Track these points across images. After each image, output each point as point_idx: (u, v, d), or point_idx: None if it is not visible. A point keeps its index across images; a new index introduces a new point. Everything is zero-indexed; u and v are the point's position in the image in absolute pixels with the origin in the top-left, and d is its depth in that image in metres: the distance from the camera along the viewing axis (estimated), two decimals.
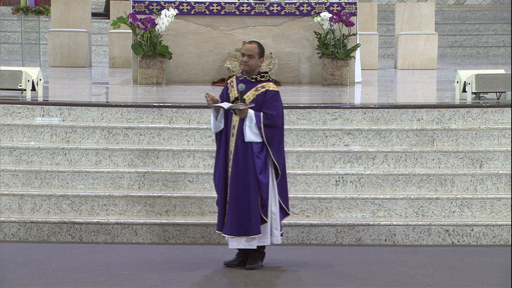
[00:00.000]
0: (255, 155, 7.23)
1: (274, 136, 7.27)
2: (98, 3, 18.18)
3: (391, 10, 17.25)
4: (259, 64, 7.36)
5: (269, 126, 7.23)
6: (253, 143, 7.26)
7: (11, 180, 8.77)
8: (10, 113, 9.35)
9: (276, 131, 7.27)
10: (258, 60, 7.34)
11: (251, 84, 7.33)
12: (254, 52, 7.32)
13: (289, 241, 8.42)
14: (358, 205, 8.67)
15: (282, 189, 7.40)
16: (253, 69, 7.35)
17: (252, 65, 7.32)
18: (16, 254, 7.82)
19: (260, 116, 7.23)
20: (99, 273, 7.28)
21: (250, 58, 7.31)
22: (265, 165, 7.26)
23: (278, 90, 7.34)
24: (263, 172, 7.24)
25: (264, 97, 7.27)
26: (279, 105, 7.30)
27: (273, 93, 7.29)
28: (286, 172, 7.44)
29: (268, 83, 7.34)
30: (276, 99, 7.29)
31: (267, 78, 7.37)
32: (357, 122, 9.38)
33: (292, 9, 12.05)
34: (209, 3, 11.99)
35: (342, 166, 9.00)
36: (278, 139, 7.31)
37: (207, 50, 12.10)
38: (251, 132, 7.23)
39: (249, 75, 7.35)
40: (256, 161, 7.23)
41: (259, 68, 7.40)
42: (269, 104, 7.25)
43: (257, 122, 7.22)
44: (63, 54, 14.28)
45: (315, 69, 12.06)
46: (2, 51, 16.59)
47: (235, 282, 7.14)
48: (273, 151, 7.28)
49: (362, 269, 7.53)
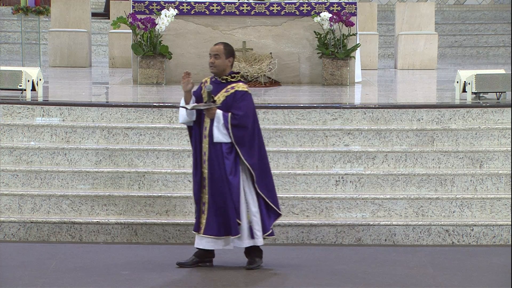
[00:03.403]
0: (224, 156, 7.21)
1: (243, 136, 7.21)
2: (98, 3, 18.17)
3: (391, 10, 17.25)
4: (227, 64, 7.32)
5: (237, 126, 7.19)
6: (223, 144, 7.24)
7: (11, 180, 8.77)
8: (10, 113, 9.35)
9: (245, 131, 7.21)
10: (226, 60, 7.31)
11: (221, 85, 7.32)
12: (220, 52, 7.31)
13: (289, 241, 8.42)
14: (358, 205, 8.67)
15: (267, 189, 7.31)
16: (222, 70, 7.32)
17: (219, 66, 7.30)
18: (16, 254, 7.82)
19: (227, 117, 7.20)
20: (99, 273, 7.28)
21: (216, 58, 7.30)
22: (235, 166, 7.21)
23: (247, 90, 7.29)
24: (233, 174, 7.19)
25: (233, 97, 7.26)
26: (247, 105, 7.24)
27: (241, 93, 7.25)
28: (269, 171, 7.34)
29: (238, 84, 7.31)
30: (244, 99, 7.24)
31: (237, 78, 7.33)
32: (357, 122, 9.37)
33: (292, 9, 12.05)
34: (209, 3, 11.99)
35: (342, 166, 9.00)
36: (249, 139, 7.23)
37: (207, 50, 12.04)
38: (219, 132, 7.21)
39: (219, 76, 7.34)
40: (225, 162, 7.21)
41: (229, 68, 7.35)
42: (237, 104, 7.22)
43: (224, 123, 7.20)
44: (63, 54, 14.28)
45: (315, 69, 12.06)
46: (2, 51, 16.58)
47: (235, 281, 7.14)
48: (242, 151, 7.21)
49: (362, 269, 7.53)
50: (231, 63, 7.36)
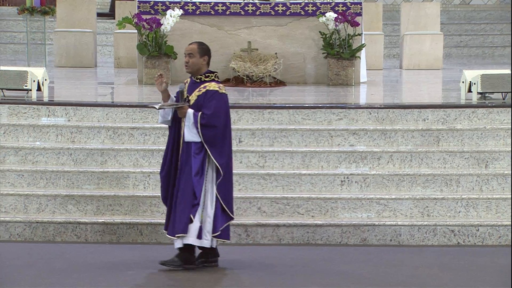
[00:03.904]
0: (192, 155, 7.21)
1: (213, 136, 7.19)
2: (103, 3, 18.19)
3: (396, 10, 17.23)
4: (202, 63, 7.31)
5: (206, 126, 7.17)
6: (193, 143, 7.23)
7: (16, 180, 8.78)
8: (16, 113, 9.37)
9: (215, 131, 7.19)
10: (201, 59, 7.30)
11: (196, 84, 7.33)
12: (193, 51, 7.30)
13: (295, 241, 8.42)
14: (364, 205, 8.66)
15: (226, 191, 7.28)
16: (197, 69, 7.31)
17: (193, 65, 7.29)
18: (22, 254, 7.83)
19: (197, 116, 7.19)
20: (104, 273, 7.29)
21: (190, 57, 7.30)
22: (202, 166, 7.20)
23: (218, 90, 7.25)
24: (199, 173, 7.18)
25: (204, 97, 7.25)
26: (217, 104, 7.21)
27: (212, 92, 7.24)
28: (231, 174, 7.32)
29: (210, 83, 7.29)
30: (213, 98, 7.22)
31: (211, 78, 7.31)
32: (362, 122, 9.37)
33: (297, 9, 12.05)
34: (214, 3, 12.00)
35: (347, 166, 8.99)
36: (219, 139, 7.21)
37: (213, 50, 11.96)
38: (189, 131, 7.21)
39: (195, 75, 7.34)
40: (193, 160, 7.19)
41: (205, 67, 7.33)
42: (207, 104, 7.21)
43: (194, 122, 7.19)
44: (69, 54, 14.30)
45: (320, 69, 12.05)
46: (7, 51, 16.61)
47: (240, 281, 7.14)
48: (212, 151, 7.19)
49: (368, 269, 7.53)
50: (207, 62, 7.34)
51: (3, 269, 7.32)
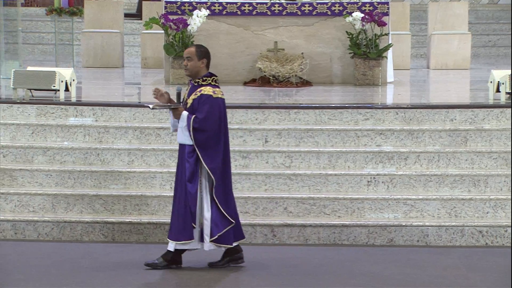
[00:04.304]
0: (185, 159, 7.24)
1: (204, 140, 7.19)
2: (130, 4, 18.28)
3: (423, 10, 17.14)
4: (200, 66, 7.31)
5: (197, 130, 7.19)
6: (186, 147, 7.26)
7: (44, 180, 8.85)
8: (44, 113, 9.44)
9: (207, 135, 7.19)
10: (199, 62, 7.30)
11: (194, 88, 7.35)
12: (191, 54, 7.31)
13: (321, 242, 8.40)
14: (390, 206, 8.62)
15: (221, 195, 7.27)
16: (195, 72, 7.32)
17: (192, 68, 7.31)
18: (50, 254, 7.89)
19: (190, 119, 7.21)
20: (131, 273, 7.32)
21: (188, 61, 7.32)
22: (195, 171, 7.21)
23: (211, 94, 7.24)
24: (192, 180, 7.19)
25: (198, 101, 7.26)
26: (209, 109, 7.20)
27: (205, 97, 7.24)
28: (228, 178, 7.30)
29: (206, 87, 7.28)
30: (206, 103, 7.22)
31: (208, 82, 7.31)
32: (389, 123, 9.33)
33: (324, 9, 12.03)
34: (240, 3, 12.01)
35: (374, 166, 8.96)
36: (210, 143, 7.21)
37: (239, 51, 12.12)
38: (182, 134, 7.24)
39: (194, 78, 7.35)
40: (186, 165, 7.23)
41: (204, 70, 7.33)
42: (200, 108, 7.22)
43: (187, 125, 7.22)
44: (96, 55, 14.38)
45: (347, 69, 12.02)
46: (36, 52, 16.74)
47: (266, 281, 7.13)
48: (203, 154, 7.19)
49: (394, 270, 7.49)
50: (205, 65, 7.34)
51: (31, 268, 7.38)
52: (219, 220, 7.24)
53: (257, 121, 9.37)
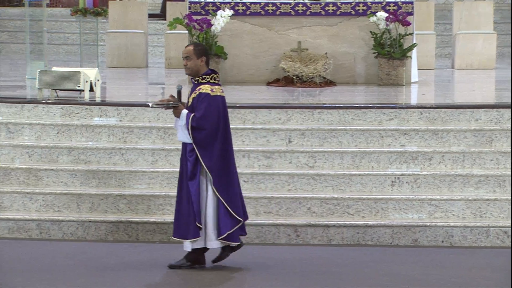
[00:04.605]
0: (187, 158, 7.28)
1: (202, 138, 7.20)
2: (154, 4, 18.34)
3: (448, 9, 17.04)
4: (200, 64, 7.32)
5: (195, 128, 7.21)
6: (187, 145, 7.29)
7: (69, 179, 8.90)
8: (69, 113, 9.49)
9: (203, 133, 7.20)
10: (198, 60, 7.31)
11: (194, 86, 7.38)
12: (190, 53, 7.32)
13: (345, 242, 8.38)
14: (415, 206, 8.58)
15: (226, 194, 7.26)
16: (195, 71, 7.33)
17: (192, 67, 7.33)
18: (75, 253, 7.93)
19: (189, 117, 7.24)
20: (155, 272, 7.34)
21: (188, 60, 7.34)
22: (195, 169, 7.22)
23: (209, 92, 7.25)
24: (192, 178, 7.21)
25: (197, 99, 7.29)
26: (206, 107, 7.21)
27: (203, 95, 7.25)
28: (232, 175, 7.29)
29: (204, 85, 7.30)
30: (203, 101, 7.23)
31: (207, 80, 7.32)
32: (413, 123, 9.29)
33: (348, 9, 12.00)
34: (264, 3, 12.00)
35: (398, 166, 8.93)
36: (207, 141, 7.21)
37: (262, 51, 12.11)
38: (182, 132, 7.28)
39: (195, 77, 7.37)
40: (187, 164, 7.26)
41: (204, 68, 7.34)
42: (198, 106, 7.25)
43: (186, 123, 7.25)
44: (121, 55, 14.44)
45: (370, 69, 11.98)
46: (61, 52, 16.85)
47: (288, 281, 7.13)
48: (201, 153, 7.20)
49: (419, 271, 7.46)
50: (205, 62, 7.35)
51: (56, 268, 7.43)
52: (226, 219, 7.25)
53: (281, 121, 9.37)
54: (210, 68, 7.39)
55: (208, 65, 7.37)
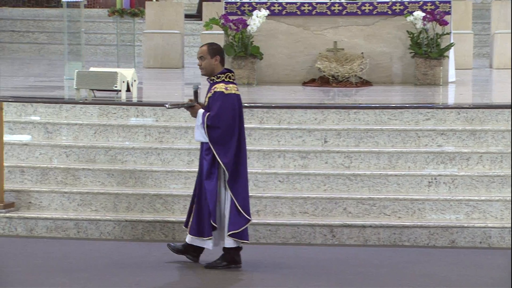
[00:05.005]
0: (203, 157, 7.32)
1: (217, 136, 7.23)
2: (190, 5, 18.41)
3: (486, 9, 16.88)
4: (214, 63, 7.34)
5: (210, 127, 7.25)
6: (204, 144, 7.34)
7: (106, 179, 8.96)
8: (106, 113, 9.56)
9: (219, 132, 7.22)
10: (212, 60, 7.33)
11: (210, 86, 7.41)
12: (204, 53, 7.35)
13: (381, 242, 8.34)
14: (452, 207, 8.52)
15: (238, 191, 7.28)
16: (210, 70, 7.36)
17: (206, 67, 7.35)
18: (112, 252, 7.99)
19: (205, 117, 7.28)
20: (192, 271, 7.37)
21: (202, 60, 7.38)
22: (211, 169, 7.25)
23: (223, 91, 7.26)
24: (210, 178, 7.25)
25: (213, 98, 7.32)
26: (221, 105, 7.23)
27: (217, 94, 7.28)
28: (243, 175, 7.30)
29: (219, 84, 7.32)
30: (218, 100, 7.26)
31: (221, 78, 7.34)
32: (450, 123, 9.22)
33: (385, 9, 11.94)
34: (300, 3, 11.99)
35: (435, 167, 8.86)
36: (223, 138, 7.23)
37: (298, 51, 12.10)
38: (198, 131, 7.32)
39: (210, 76, 7.40)
40: (204, 162, 7.30)
41: (219, 67, 7.36)
42: (213, 105, 7.28)
43: (202, 123, 7.29)
44: (157, 55, 14.52)
45: (407, 68, 11.91)
46: (98, 53, 16.98)
47: (324, 281, 7.11)
48: (217, 150, 7.24)
49: (456, 272, 7.40)
50: (219, 61, 7.37)
51: (94, 267, 7.48)
52: (238, 217, 7.27)
53: (316, 121, 9.35)
54: (225, 67, 7.42)
55: (223, 65, 7.42)
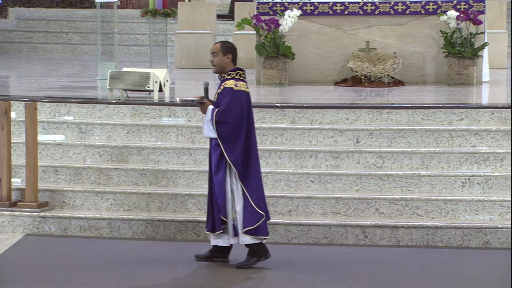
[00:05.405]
0: (212, 152, 7.38)
1: (225, 132, 7.28)
2: (223, 5, 18.45)
3: None
4: (226, 61, 7.41)
5: (219, 123, 7.30)
6: (213, 140, 7.39)
7: (139, 179, 9.01)
8: (139, 113, 9.61)
9: (226, 127, 7.27)
10: (224, 57, 7.40)
11: (220, 83, 7.46)
12: (217, 50, 7.42)
13: (414, 243, 8.30)
14: (486, 208, 8.44)
15: (251, 187, 7.31)
16: (221, 67, 7.43)
17: (218, 64, 7.42)
18: (145, 252, 8.03)
19: (214, 112, 7.34)
20: (224, 271, 7.38)
21: (214, 56, 7.44)
22: (219, 164, 7.30)
23: (233, 87, 7.32)
24: (217, 172, 7.31)
25: (222, 94, 7.38)
26: (230, 101, 7.29)
27: (227, 90, 7.35)
28: (255, 171, 7.33)
29: (229, 81, 7.39)
30: (227, 95, 7.32)
31: (232, 75, 7.40)
32: (484, 123, 9.14)
33: (418, 8, 11.87)
34: (332, 3, 11.96)
35: (468, 167, 8.79)
36: (231, 135, 7.29)
37: (330, 50, 12.07)
38: (207, 127, 7.38)
39: (221, 74, 7.46)
40: (212, 158, 7.38)
41: (230, 65, 7.43)
42: (222, 101, 7.35)
43: (210, 119, 7.34)
44: (189, 56, 14.57)
45: (440, 68, 11.83)
46: (131, 53, 17.08)
47: (357, 281, 7.09)
48: (225, 147, 7.29)
49: (490, 273, 7.34)
50: (231, 60, 7.44)
51: (126, 266, 7.53)
52: (251, 213, 7.31)
53: (348, 121, 9.32)
54: (237, 67, 7.49)
55: (235, 63, 7.49)
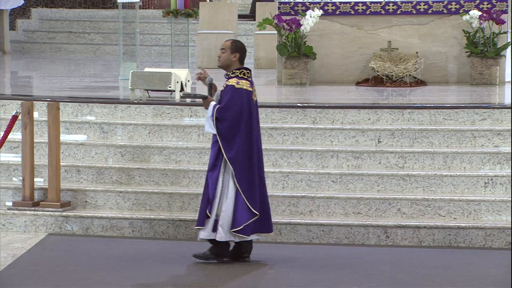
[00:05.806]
0: (211, 148, 7.45)
1: (224, 129, 7.33)
2: (244, 5, 18.46)
3: None
4: (232, 59, 7.49)
5: (218, 119, 7.36)
6: (213, 136, 7.45)
7: (160, 179, 9.04)
8: (160, 113, 9.64)
9: (225, 124, 7.32)
10: (231, 55, 7.48)
11: (225, 80, 7.52)
12: (226, 47, 7.51)
13: (436, 244, 8.26)
14: (509, 208, 8.39)
15: (248, 187, 7.33)
16: (227, 64, 7.50)
17: (223, 60, 7.49)
18: (166, 251, 8.05)
19: (214, 109, 7.40)
20: (245, 271, 7.39)
21: (222, 52, 7.52)
22: (216, 159, 7.36)
23: (234, 85, 7.38)
24: (213, 168, 7.36)
25: (224, 92, 7.45)
26: (230, 98, 7.34)
27: (228, 88, 7.42)
28: (251, 168, 7.35)
29: (232, 79, 7.46)
30: (228, 93, 7.39)
31: (236, 74, 7.47)
32: (507, 123, 9.08)
33: (440, 8, 11.82)
34: (354, 3, 11.94)
35: (491, 167, 8.74)
36: (229, 132, 7.32)
37: (352, 50, 12.05)
38: (207, 123, 7.43)
39: (225, 71, 7.53)
40: (210, 154, 7.43)
41: (236, 64, 7.49)
42: (223, 98, 7.41)
43: (211, 115, 7.40)
44: (211, 56, 14.59)
45: (463, 68, 11.77)
46: (152, 53, 17.14)
47: (378, 281, 7.07)
48: (223, 143, 7.34)
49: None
50: (238, 59, 7.51)
51: (146, 264, 7.55)
52: (244, 212, 7.33)
53: (370, 121, 9.30)
54: (244, 66, 7.54)
55: (241, 63, 7.55)
